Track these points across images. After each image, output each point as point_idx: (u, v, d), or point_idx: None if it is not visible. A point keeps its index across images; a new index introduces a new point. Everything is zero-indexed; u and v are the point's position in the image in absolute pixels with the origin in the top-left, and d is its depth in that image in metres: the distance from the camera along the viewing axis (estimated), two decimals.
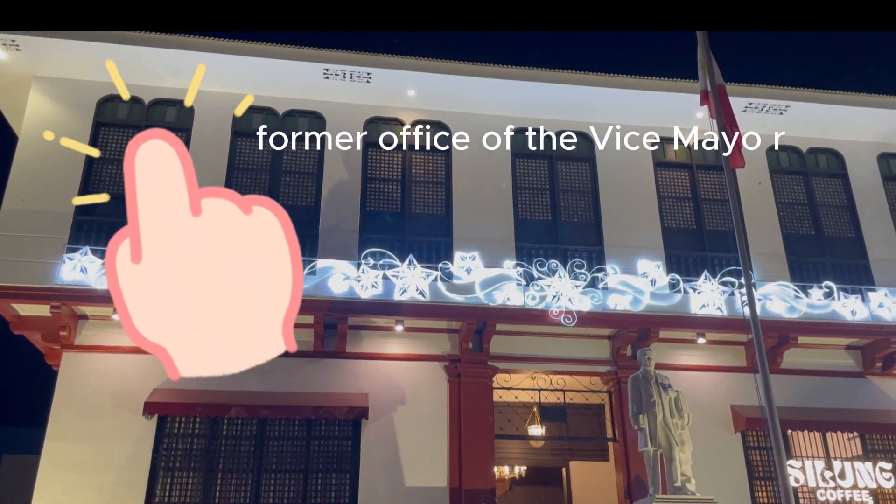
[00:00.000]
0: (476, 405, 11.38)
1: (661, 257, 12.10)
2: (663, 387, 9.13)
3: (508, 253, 11.79)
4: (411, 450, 11.10)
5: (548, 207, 12.52)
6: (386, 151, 12.62)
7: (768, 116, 12.78)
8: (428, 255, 11.70)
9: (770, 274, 12.19)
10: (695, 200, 12.90)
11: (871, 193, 13.20)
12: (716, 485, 10.20)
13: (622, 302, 11.52)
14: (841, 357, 12.58)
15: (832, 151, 13.46)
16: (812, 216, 13.04)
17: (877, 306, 11.94)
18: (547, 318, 11.23)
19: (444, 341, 11.81)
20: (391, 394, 11.38)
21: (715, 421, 11.78)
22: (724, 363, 12.24)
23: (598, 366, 12.05)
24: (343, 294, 10.96)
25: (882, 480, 11.77)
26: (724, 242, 12.36)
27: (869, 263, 12.62)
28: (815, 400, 12.12)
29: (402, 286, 11.08)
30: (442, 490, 10.96)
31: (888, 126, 13.12)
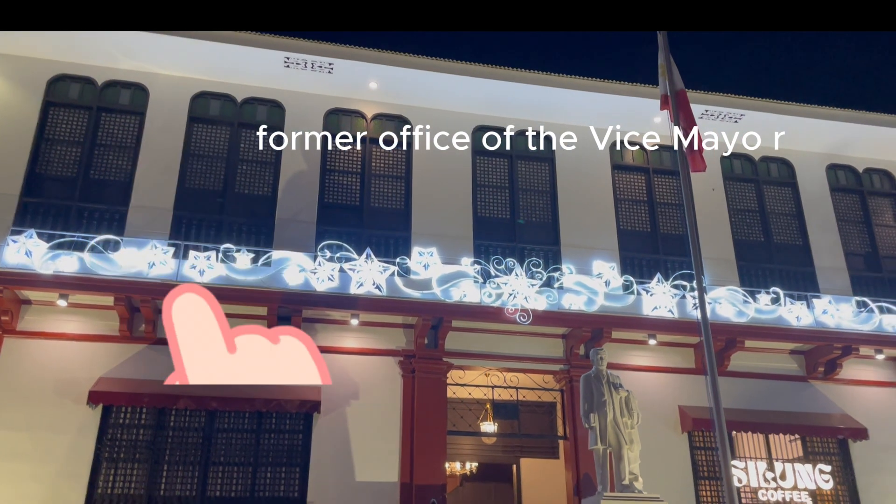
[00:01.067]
0: (430, 401, 11.37)
1: (615, 259, 12.27)
2: (614, 386, 9.25)
3: (466, 250, 11.82)
4: (363, 445, 11.04)
5: (507, 206, 12.59)
6: (346, 143, 12.52)
7: (724, 124, 13.07)
8: (386, 249, 11.66)
9: (720, 278, 12.46)
10: (650, 204, 13.12)
11: (818, 203, 13.60)
12: (662, 483, 10.39)
13: (577, 302, 11.64)
14: (785, 361, 12.93)
15: (783, 160, 13.82)
16: (762, 223, 13.38)
17: (821, 313, 12.31)
18: (503, 315, 11.29)
19: (400, 336, 11.78)
20: (344, 388, 11.29)
21: (663, 421, 12.00)
22: (674, 364, 12.47)
23: (551, 364, 12.16)
24: (298, 286, 10.83)
25: (821, 482, 12.16)
26: (678, 246, 12.60)
27: (815, 271, 13.00)
28: (760, 402, 12.44)
29: (358, 280, 11.01)
30: (392, 485, 10.94)
31: (837, 138, 13.53)
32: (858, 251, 13.43)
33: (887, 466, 12.51)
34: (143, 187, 11.45)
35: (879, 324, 12.40)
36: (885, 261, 13.42)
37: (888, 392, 13.10)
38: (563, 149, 13.05)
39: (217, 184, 11.84)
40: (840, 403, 12.76)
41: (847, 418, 12.52)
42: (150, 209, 11.26)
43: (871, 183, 14.08)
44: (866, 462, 12.45)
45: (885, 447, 12.53)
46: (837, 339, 12.30)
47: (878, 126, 13.29)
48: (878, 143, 13.67)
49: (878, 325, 12.39)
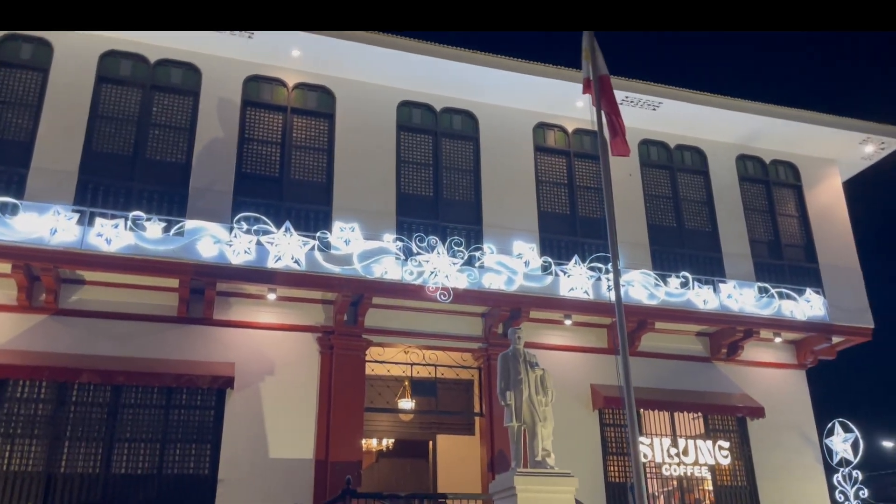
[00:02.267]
0: (348, 378, 11.27)
1: (535, 240, 12.44)
2: (531, 365, 9.37)
3: (389, 226, 11.70)
4: (278, 421, 10.86)
5: (430, 183, 12.52)
6: (266, 112, 12.12)
7: (642, 111, 13.37)
8: (306, 223, 11.39)
9: (634, 262, 12.83)
10: (570, 187, 13.33)
11: (728, 191, 14.17)
12: (573, 459, 10.68)
13: (497, 281, 11.76)
14: (691, 343, 13.50)
15: (696, 149, 14.30)
16: (675, 209, 13.83)
17: (726, 297, 12.89)
18: (423, 293, 11.28)
19: (318, 312, 11.60)
20: (259, 364, 11.05)
21: (576, 398, 12.33)
22: (588, 344, 12.81)
23: (470, 342, 12.27)
24: (212, 258, 10.48)
25: (720, 458, 12.81)
26: (595, 229, 12.88)
27: (722, 257, 13.56)
28: (667, 382, 12.95)
29: (276, 253, 10.75)
30: (307, 462, 10.82)
31: (746, 129, 14.08)
32: (762, 239, 14.09)
33: (781, 443, 13.30)
34: (45, 149, 10.75)
35: (779, 309, 13.08)
36: (787, 249, 14.14)
37: (784, 373, 13.89)
38: (487, 128, 13.07)
39: (127, 148, 11.26)
40: (740, 383, 13.44)
41: (746, 398, 13.21)
42: (53, 172, 10.60)
43: (777, 174, 14.77)
44: (762, 439, 13.18)
45: (780, 425, 13.30)
46: (740, 323, 12.92)
47: (784, 120, 13.88)
48: (784, 137, 14.32)
49: (777, 309, 13.07)
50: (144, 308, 10.81)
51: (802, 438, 13.58)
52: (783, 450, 13.28)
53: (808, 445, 13.62)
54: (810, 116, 14.00)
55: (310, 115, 12.29)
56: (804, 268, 13.98)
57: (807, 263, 14.05)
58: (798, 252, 14.18)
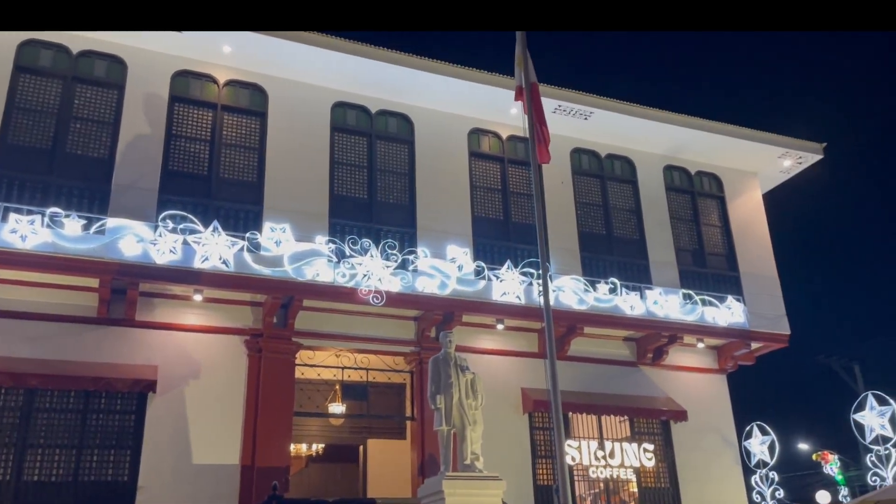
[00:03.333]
0: (276, 382, 11.08)
1: (469, 244, 12.51)
2: (461, 369, 9.41)
3: (321, 228, 11.55)
4: (202, 426, 10.57)
5: (364, 185, 12.43)
6: (195, 108, 11.80)
7: (575, 120, 13.63)
8: (235, 223, 11.14)
9: (565, 267, 13.06)
10: (504, 192, 13.47)
11: (655, 201, 14.58)
12: (503, 462, 10.77)
13: (430, 285, 11.77)
14: (619, 347, 13.82)
15: (626, 159, 14.67)
16: (605, 217, 14.14)
17: (652, 303, 13.25)
18: (356, 296, 11.19)
19: (247, 314, 11.35)
20: (184, 367, 10.74)
21: (506, 402, 12.44)
22: (519, 348, 12.95)
23: (402, 346, 12.23)
24: (135, 257, 10.13)
25: (644, 460, 13.14)
26: (528, 235, 13.04)
27: (649, 264, 13.93)
28: (595, 385, 13.21)
29: (203, 253, 10.47)
30: (233, 468, 10.57)
31: (673, 141, 14.52)
32: (687, 247, 14.55)
33: (702, 445, 13.74)
34: None
35: (702, 315, 13.54)
36: (710, 258, 14.64)
37: (706, 378, 14.38)
38: (423, 132, 13.07)
39: (45, 141, 10.77)
40: (664, 387, 13.83)
41: (670, 401, 13.60)
42: None
43: (702, 185, 15.29)
44: (684, 442, 13.60)
45: (701, 428, 13.74)
46: (665, 328, 13.30)
47: (709, 133, 14.40)
48: (708, 149, 14.83)
49: (700, 316, 13.52)
50: (62, 308, 10.37)
51: (722, 441, 14.06)
52: (704, 452, 13.72)
53: (728, 447, 14.12)
54: (733, 130, 14.56)
55: (241, 113, 12.04)
56: (726, 276, 14.51)
57: (728, 272, 14.58)
58: (720, 261, 14.71)
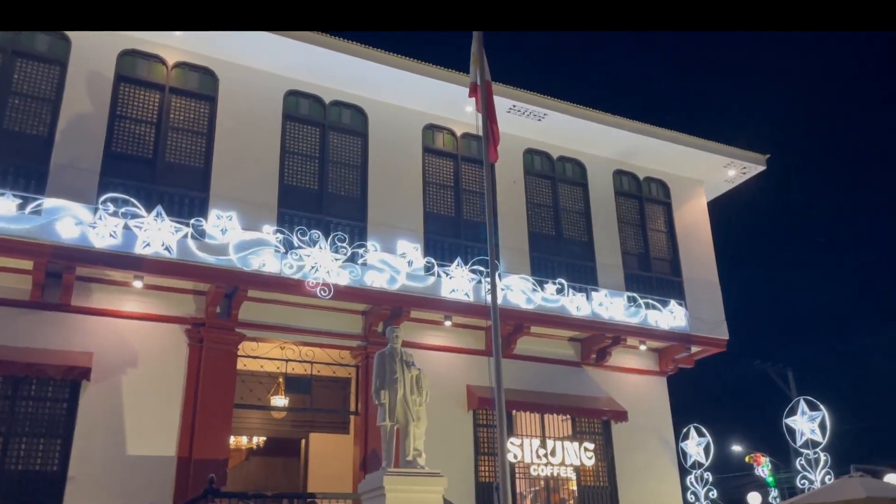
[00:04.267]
0: (217, 373, 10.85)
1: (420, 240, 12.47)
2: (407, 364, 9.37)
3: (269, 218, 11.35)
4: (138, 416, 10.29)
5: (315, 176, 12.26)
6: (141, 89, 11.45)
7: (529, 121, 13.72)
8: (180, 209, 10.84)
9: (514, 267, 13.14)
10: (456, 189, 13.47)
11: (604, 204, 14.80)
12: (446, 459, 10.77)
13: (379, 279, 11.69)
14: (564, 347, 13.99)
15: (577, 161, 14.84)
16: (555, 218, 14.28)
17: (598, 305, 13.44)
18: (303, 288, 11.05)
19: (189, 303, 11.09)
20: (121, 355, 10.43)
21: (452, 399, 12.46)
22: (466, 346, 12.98)
23: (348, 340, 12.13)
24: (73, 240, 9.78)
25: (585, 458, 13.33)
26: (479, 232, 13.07)
27: (596, 266, 14.12)
28: (539, 384, 13.35)
29: (145, 239, 10.18)
30: (168, 460, 10.31)
31: (624, 146, 14.74)
32: (633, 251, 14.81)
33: (641, 446, 14.01)
34: None
35: (645, 318, 13.80)
36: (655, 262, 14.93)
37: (647, 379, 14.67)
38: (377, 125, 12.97)
39: None
40: (607, 388, 14.06)
41: (611, 401, 13.83)
42: None
43: (650, 190, 15.59)
44: (624, 441, 13.84)
45: (641, 428, 14.01)
46: (609, 330, 13.51)
47: (658, 139, 14.66)
48: (657, 155, 15.11)
49: (644, 319, 13.78)
50: None
51: (660, 441, 14.37)
52: (643, 452, 14.00)
53: (666, 448, 14.44)
54: (681, 138, 14.85)
55: (189, 97, 11.73)
56: (669, 280, 14.82)
57: (672, 276, 14.90)
58: (665, 265, 15.02)
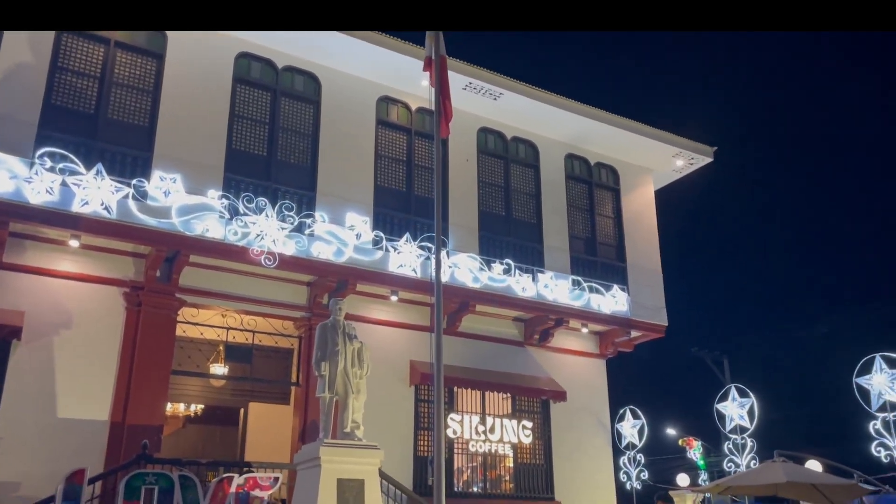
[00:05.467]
0: (155, 338, 10.65)
1: (369, 213, 12.38)
2: (349, 337, 9.35)
3: (215, 182, 11.10)
4: (71, 379, 10.05)
5: (264, 142, 12.03)
6: (85, 42, 11.00)
7: (484, 99, 13.68)
8: (121, 168, 10.52)
9: (463, 245, 13.18)
10: (409, 164, 13.40)
11: (554, 187, 14.92)
12: (386, 432, 10.84)
13: (326, 251, 11.59)
14: (508, 327, 14.14)
15: (530, 143, 14.91)
16: (506, 198, 14.35)
17: (543, 286, 13.61)
18: (247, 256, 10.88)
19: (128, 265, 10.82)
20: (55, 315, 10.14)
21: (394, 374, 12.51)
22: (411, 321, 13.01)
23: (292, 311, 12.03)
24: (7, 194, 9.43)
25: (523, 436, 13.57)
26: (429, 209, 13.03)
27: (543, 248, 14.28)
28: (482, 362, 13.50)
29: (84, 197, 9.85)
30: (101, 424, 10.12)
31: (576, 130, 14.84)
32: (580, 235, 15.00)
33: (578, 425, 14.33)
34: None
35: (588, 301, 14.03)
36: (601, 247, 15.16)
37: (587, 361, 14.96)
38: (330, 94, 12.76)
39: None
40: (547, 368, 14.30)
41: (552, 382, 14.08)
42: None
43: (600, 176, 15.78)
44: (562, 421, 14.13)
45: (579, 409, 14.32)
46: (553, 312, 13.71)
47: (609, 125, 14.80)
48: (608, 142, 15.27)
49: (587, 302, 14.01)
50: None
51: (597, 422, 14.71)
52: (579, 431, 14.32)
53: (601, 429, 14.80)
54: (632, 125, 15.03)
55: (136, 53, 11.33)
56: (614, 266, 15.09)
57: (616, 262, 15.16)
58: (610, 251, 15.27)
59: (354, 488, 8.36)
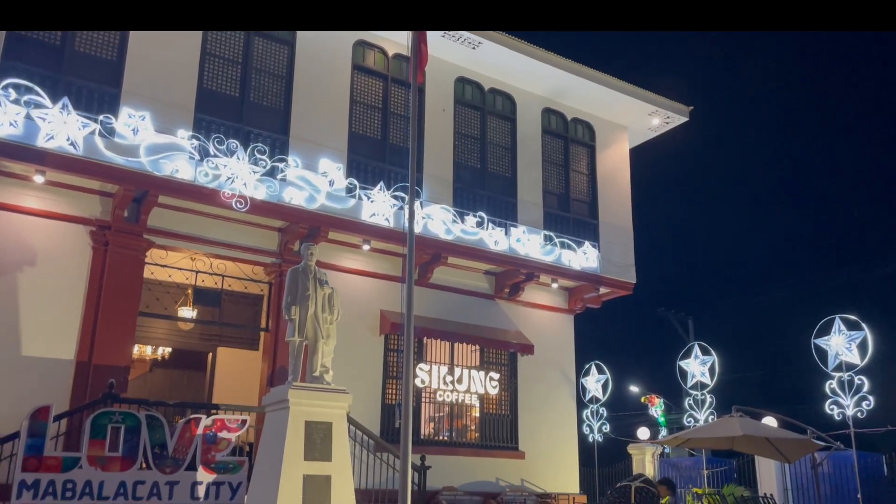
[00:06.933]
0: (122, 278, 10.51)
1: (343, 160, 12.24)
2: (320, 282, 9.32)
3: (185, 122, 10.85)
4: (36, 317, 9.92)
5: (237, 83, 11.75)
6: None
7: (462, 48, 13.47)
8: (88, 103, 10.21)
9: (436, 196, 13.13)
10: (384, 112, 13.21)
11: (530, 141, 14.87)
12: (354, 380, 10.89)
13: (298, 196, 11.47)
14: (479, 280, 14.22)
15: (508, 95, 14.78)
16: (481, 150, 14.27)
17: (515, 241, 13.66)
18: (217, 198, 10.72)
19: (94, 204, 10.60)
20: (18, 253, 9.94)
21: (364, 322, 12.56)
22: (383, 271, 13.01)
23: (263, 256, 11.94)
24: None
25: (489, 387, 13.78)
26: (404, 158, 12.91)
27: (517, 202, 14.29)
28: (452, 314, 13.59)
29: (49, 132, 9.57)
30: (67, 363, 10.04)
31: (554, 83, 14.71)
32: (554, 191, 15.03)
33: (544, 378, 14.58)
34: None
35: (559, 257, 14.14)
36: (574, 203, 15.22)
37: (555, 316, 15.15)
38: (305, 35, 12.45)
39: None
40: (516, 322, 14.46)
41: (520, 335, 14.25)
42: None
43: (576, 132, 15.75)
44: (528, 374, 14.36)
45: (545, 362, 14.55)
46: (524, 266, 13.80)
47: (587, 80, 14.69)
48: (586, 97, 15.18)
49: (558, 257, 14.12)
50: None
51: (562, 376, 14.98)
52: (545, 384, 14.58)
53: (566, 382, 15.08)
54: (609, 81, 14.93)
55: None
56: (586, 222, 15.18)
57: (589, 218, 15.26)
58: (583, 207, 15.34)
59: (322, 431, 8.42)
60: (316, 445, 8.28)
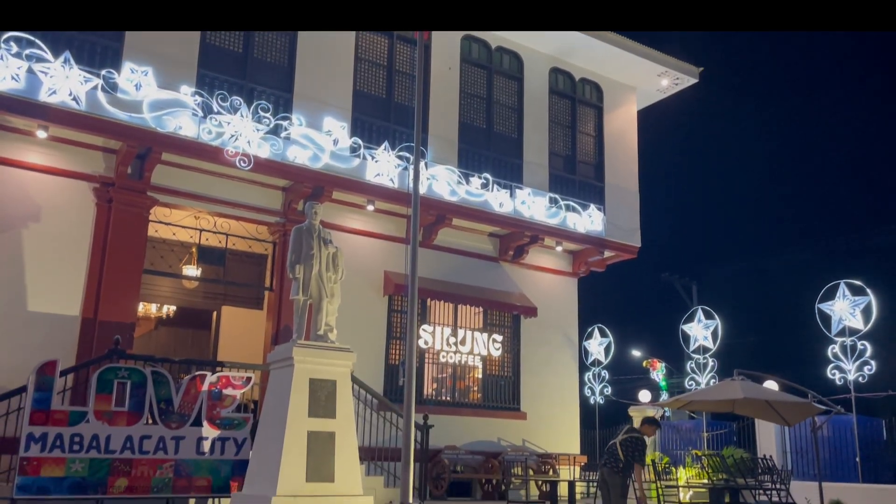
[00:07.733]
0: (127, 236, 10.52)
1: (347, 119, 12.12)
2: (324, 241, 9.28)
3: (188, 78, 10.71)
4: (41, 273, 9.94)
5: (240, 38, 11.56)
6: None
7: None
8: (90, 57, 10.08)
9: (442, 157, 13.03)
10: (389, 70, 13.04)
11: (537, 102, 14.68)
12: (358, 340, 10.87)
13: (302, 155, 11.38)
14: (483, 242, 14.19)
15: (515, 54, 14.55)
16: (487, 111, 14.11)
17: (520, 203, 13.58)
18: (221, 156, 10.65)
19: (98, 160, 10.55)
20: (22, 208, 9.93)
21: (368, 283, 12.56)
22: (387, 232, 12.98)
23: (267, 215, 11.91)
24: None
25: (493, 349, 13.84)
26: (409, 117, 12.75)
27: (522, 164, 14.17)
28: (456, 276, 13.59)
29: (51, 86, 9.47)
30: (72, 319, 10.09)
31: (562, 42, 14.43)
32: (560, 153, 14.89)
33: (547, 341, 14.63)
34: None
35: (564, 220, 14.07)
36: (580, 165, 15.10)
37: (559, 279, 15.15)
38: None
39: None
40: (520, 284, 14.46)
41: (523, 297, 14.27)
42: None
43: (584, 92, 15.53)
44: (531, 336, 14.41)
45: (548, 325, 14.59)
46: (529, 229, 13.75)
47: (595, 39, 14.41)
48: (594, 57, 14.94)
49: (563, 220, 14.05)
50: None
51: (565, 338, 15.03)
52: (548, 347, 14.63)
53: (569, 345, 15.14)
54: (618, 40, 14.68)
55: None
56: (592, 185, 15.07)
57: (595, 181, 15.14)
58: (589, 169, 15.22)
59: (326, 388, 8.46)
60: (320, 403, 8.33)
